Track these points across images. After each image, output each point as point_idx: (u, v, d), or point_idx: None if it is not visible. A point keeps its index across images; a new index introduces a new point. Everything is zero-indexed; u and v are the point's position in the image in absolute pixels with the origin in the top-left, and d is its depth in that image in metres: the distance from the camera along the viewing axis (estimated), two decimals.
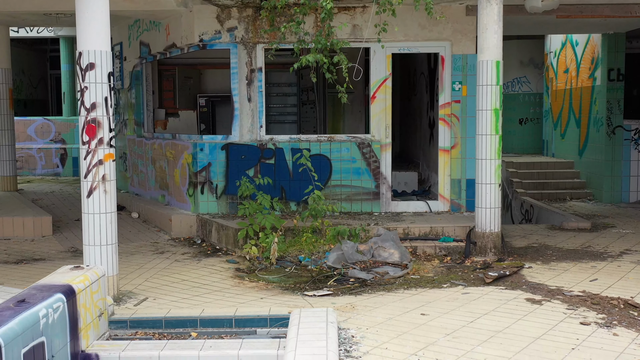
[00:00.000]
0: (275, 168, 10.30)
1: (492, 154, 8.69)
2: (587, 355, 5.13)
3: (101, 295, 6.01)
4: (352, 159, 10.35)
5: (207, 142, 10.47)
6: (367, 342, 5.43)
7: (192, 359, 5.51)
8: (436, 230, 9.37)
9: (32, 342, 4.61)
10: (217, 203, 10.40)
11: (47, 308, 4.90)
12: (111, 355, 5.52)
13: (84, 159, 6.62)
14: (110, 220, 6.69)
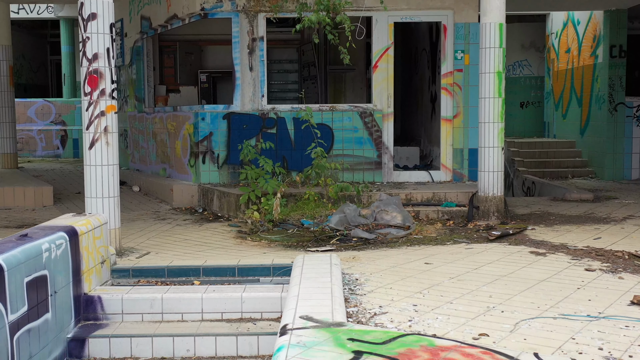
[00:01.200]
0: (277, 138, 10.25)
1: (495, 117, 8.65)
2: (593, 293, 5.09)
3: (103, 243, 5.98)
4: (354, 129, 10.31)
5: (208, 111, 10.43)
6: (372, 284, 5.39)
7: (195, 300, 5.48)
8: (438, 196, 9.33)
9: (35, 273, 4.58)
10: (218, 173, 10.35)
11: (49, 243, 4.86)
12: (114, 297, 5.49)
13: (86, 110, 6.58)
14: (112, 173, 6.65)
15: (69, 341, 5.13)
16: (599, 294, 5.09)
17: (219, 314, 5.48)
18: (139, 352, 5.15)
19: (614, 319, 4.42)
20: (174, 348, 5.15)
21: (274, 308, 5.44)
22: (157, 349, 5.15)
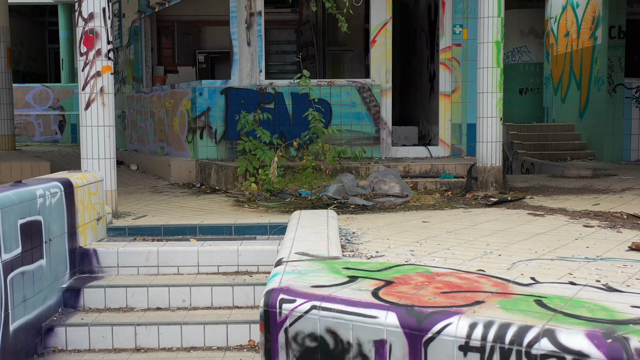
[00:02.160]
0: (275, 113, 10.21)
1: (494, 87, 8.61)
2: (591, 242, 5.06)
3: (99, 200, 5.94)
4: (353, 104, 10.27)
5: (206, 86, 10.39)
6: (369, 236, 5.36)
7: (191, 254, 5.45)
8: (437, 168, 9.30)
9: (29, 217, 4.54)
10: (216, 148, 10.31)
11: (44, 190, 4.83)
12: (109, 251, 5.46)
13: (82, 70, 6.55)
14: (108, 134, 6.62)
15: (64, 291, 5.09)
16: (597, 243, 5.06)
17: (215, 267, 5.45)
18: (135, 302, 5.12)
19: (612, 260, 4.39)
20: (169, 298, 5.11)
21: (270, 261, 5.39)
22: (152, 300, 5.12)
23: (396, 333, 2.83)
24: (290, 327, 3.09)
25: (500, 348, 2.62)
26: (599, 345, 2.46)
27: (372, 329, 2.89)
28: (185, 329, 4.77)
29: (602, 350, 2.44)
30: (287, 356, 3.11)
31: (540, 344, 2.55)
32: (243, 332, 4.78)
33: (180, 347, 4.78)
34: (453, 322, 2.74)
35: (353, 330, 2.94)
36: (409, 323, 2.82)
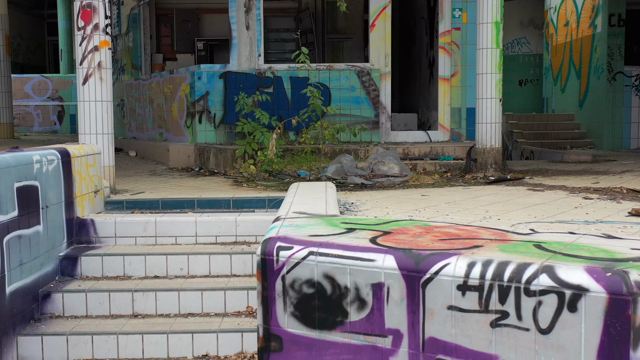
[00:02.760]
0: (273, 97, 10.17)
1: (493, 68, 8.58)
2: (590, 210, 5.04)
3: (97, 172, 5.92)
4: (352, 88, 10.24)
5: (205, 70, 10.35)
6: (367, 205, 5.34)
7: (189, 224, 5.42)
8: (436, 150, 9.27)
9: (25, 181, 4.52)
10: (215, 133, 10.28)
11: (41, 156, 4.81)
12: (107, 221, 5.43)
13: (79, 45, 6.52)
14: (105, 109, 6.59)
15: (61, 259, 5.07)
16: (597, 211, 5.04)
17: (213, 238, 5.43)
18: (132, 271, 5.09)
19: (612, 223, 4.36)
20: (167, 267, 5.09)
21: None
22: (150, 268, 5.09)
23: (394, 275, 2.81)
24: (287, 275, 3.06)
25: (498, 286, 2.60)
26: (599, 279, 2.43)
27: (370, 273, 2.86)
28: (182, 295, 4.75)
29: (602, 283, 2.42)
30: (284, 304, 3.08)
31: (539, 279, 2.52)
32: (241, 298, 4.75)
33: (177, 313, 4.75)
34: (451, 263, 2.72)
35: (350, 275, 2.91)
36: (407, 265, 2.79)
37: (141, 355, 4.41)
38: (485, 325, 2.63)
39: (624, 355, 2.39)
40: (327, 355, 2.99)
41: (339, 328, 2.95)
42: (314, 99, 8.03)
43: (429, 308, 2.74)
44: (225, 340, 4.40)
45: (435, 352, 2.74)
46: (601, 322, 2.41)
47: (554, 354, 2.50)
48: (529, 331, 2.54)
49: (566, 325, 2.47)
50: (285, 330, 3.09)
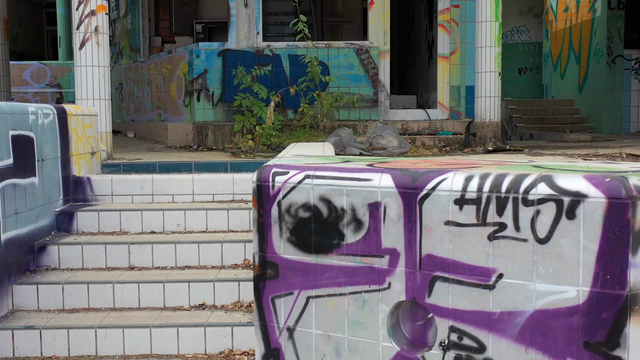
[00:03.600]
0: (272, 74, 10.15)
1: (492, 41, 8.56)
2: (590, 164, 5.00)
3: (94, 135, 5.89)
4: (351, 66, 10.21)
5: (203, 48, 10.33)
6: None
7: (186, 182, 5.40)
8: (435, 126, 9.25)
9: (21, 130, 4.49)
10: (213, 111, 10.25)
11: (36, 108, 4.78)
12: (103, 179, 5.41)
13: (76, 9, 6.49)
14: (102, 75, 6.56)
15: (57, 215, 5.03)
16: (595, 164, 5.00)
17: (210, 196, 5.40)
18: (129, 226, 5.06)
19: None
20: (164, 222, 5.06)
21: None
22: (146, 224, 5.06)
23: (391, 194, 2.78)
24: (283, 200, 3.03)
25: (496, 197, 2.56)
26: (597, 184, 2.40)
27: (367, 192, 2.83)
28: (179, 248, 4.72)
29: (601, 188, 2.39)
30: (280, 230, 3.05)
31: (537, 188, 2.49)
32: (238, 251, 4.72)
33: (174, 266, 4.72)
34: (448, 177, 2.69)
35: (347, 196, 2.88)
36: (403, 182, 2.76)
37: (137, 305, 4.38)
38: (483, 239, 2.60)
39: (624, 260, 2.35)
40: (323, 280, 2.96)
41: (335, 251, 2.92)
42: (312, 67, 7.99)
43: (426, 225, 2.71)
44: (222, 290, 4.37)
45: (433, 269, 2.71)
46: (600, 228, 2.38)
47: (553, 263, 2.47)
48: (527, 242, 2.51)
49: (564, 233, 2.44)
50: (281, 256, 3.06)
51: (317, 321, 3.00)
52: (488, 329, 2.61)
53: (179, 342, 4.03)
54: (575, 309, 2.44)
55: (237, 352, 4.01)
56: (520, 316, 2.54)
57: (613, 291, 2.37)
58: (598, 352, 2.41)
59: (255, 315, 3.17)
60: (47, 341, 4.03)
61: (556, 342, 2.48)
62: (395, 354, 2.81)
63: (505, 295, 2.56)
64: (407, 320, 2.85)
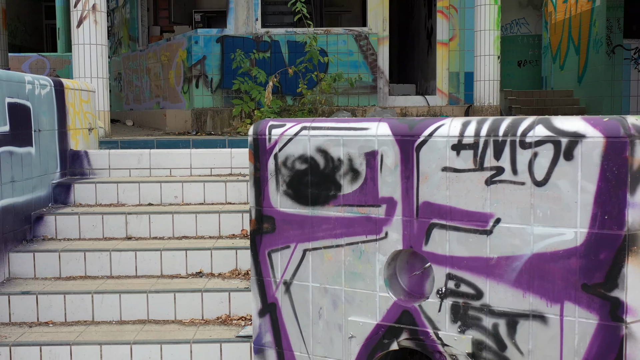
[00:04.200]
0: (271, 61, 10.12)
1: (491, 24, 8.55)
2: None
3: (91, 110, 5.87)
4: (349, 52, 10.18)
5: (202, 35, 10.30)
6: None
7: (184, 156, 5.39)
8: (434, 111, 9.23)
9: (17, 99, 4.47)
10: (212, 97, 10.22)
11: (33, 78, 4.77)
12: (101, 153, 5.39)
13: None
14: (100, 53, 6.54)
15: (54, 187, 5.02)
16: None
17: (207, 170, 5.38)
18: (126, 198, 5.04)
19: None
20: (161, 195, 5.04)
21: None
22: (144, 196, 5.04)
23: (387, 142, 2.76)
24: (279, 152, 3.02)
25: (494, 141, 2.55)
26: (596, 124, 2.39)
27: (364, 141, 2.82)
28: (177, 218, 4.70)
29: (599, 128, 2.37)
30: (276, 183, 3.04)
31: (535, 131, 2.48)
32: (236, 221, 4.70)
33: (171, 236, 4.70)
34: (446, 123, 2.67)
35: (344, 146, 2.87)
36: (400, 130, 2.75)
37: (134, 272, 4.36)
38: (480, 184, 2.58)
39: (622, 200, 2.34)
40: (319, 232, 2.95)
41: (332, 202, 2.90)
42: (310, 47, 7.97)
43: (423, 172, 2.69)
44: (220, 258, 4.35)
45: (430, 216, 2.69)
46: (598, 168, 2.36)
47: (550, 206, 2.45)
48: (525, 185, 2.49)
49: (562, 175, 2.42)
50: (278, 210, 3.04)
51: (314, 274, 2.98)
52: (485, 275, 2.59)
53: (175, 307, 4.01)
54: (573, 251, 2.42)
55: (235, 317, 3.99)
56: (518, 261, 2.53)
57: (611, 232, 2.36)
58: (596, 294, 2.39)
59: (251, 271, 3.15)
60: (44, 306, 4.01)
61: (554, 285, 2.47)
62: (392, 304, 2.80)
63: (503, 240, 2.55)
64: (404, 270, 2.83)
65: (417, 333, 2.74)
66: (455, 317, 2.66)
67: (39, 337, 3.77)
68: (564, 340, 2.45)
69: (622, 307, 2.35)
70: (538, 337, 2.50)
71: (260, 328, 3.14)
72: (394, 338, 2.79)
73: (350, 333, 2.89)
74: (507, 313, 2.56)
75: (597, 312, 2.39)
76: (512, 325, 2.55)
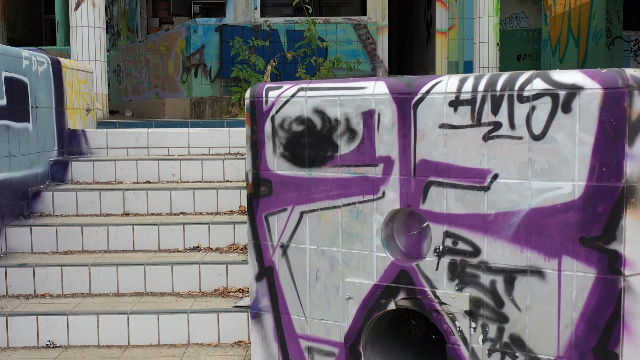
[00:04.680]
0: (270, 50, 10.11)
1: (490, 11, 8.54)
2: None
3: (89, 91, 5.86)
4: (349, 41, 10.17)
5: (200, 24, 10.29)
6: None
7: (182, 134, 5.38)
8: None
9: (14, 73, 4.46)
10: (210, 86, 10.21)
11: (30, 54, 4.75)
12: (98, 132, 5.38)
13: None
14: (98, 35, 6.53)
15: (52, 164, 5.00)
16: None
17: (205, 149, 5.37)
18: (123, 176, 5.03)
19: None
20: (159, 172, 5.02)
21: None
22: (141, 174, 5.03)
23: (385, 100, 2.74)
24: (276, 114, 3.00)
25: (491, 96, 2.53)
26: (594, 76, 2.37)
27: (361, 100, 2.80)
28: (174, 194, 4.68)
29: (597, 79, 2.36)
30: (273, 145, 3.02)
31: (533, 84, 2.46)
32: (234, 198, 4.69)
33: (169, 212, 4.69)
34: (443, 80, 2.66)
35: (341, 106, 2.85)
36: (398, 88, 2.73)
37: (132, 247, 4.35)
38: (478, 140, 2.56)
39: (620, 151, 2.32)
40: (316, 193, 2.93)
41: (329, 163, 2.89)
42: (309, 31, 7.95)
43: (420, 130, 2.68)
44: (217, 232, 4.33)
45: (427, 174, 2.68)
46: (596, 120, 2.35)
47: (548, 159, 2.43)
48: (522, 139, 2.48)
49: (560, 127, 2.40)
50: (275, 172, 3.03)
51: (311, 236, 2.97)
52: (483, 232, 2.58)
53: (173, 280, 3.99)
54: (571, 204, 2.41)
55: (232, 289, 3.97)
56: (516, 216, 2.51)
57: (609, 184, 2.34)
58: (594, 247, 2.38)
59: (248, 234, 3.14)
60: (40, 279, 3.99)
61: (552, 239, 2.45)
62: (389, 264, 2.78)
63: (500, 196, 2.53)
64: (402, 230, 2.82)
65: (415, 292, 2.72)
66: (453, 275, 2.64)
67: (35, 308, 3.76)
68: (561, 295, 2.44)
69: (620, 259, 2.34)
70: (536, 293, 2.49)
71: (257, 292, 3.13)
72: (391, 298, 2.78)
73: (348, 294, 2.88)
74: (504, 269, 2.54)
75: (595, 266, 2.38)
76: (509, 281, 2.53)
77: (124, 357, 3.51)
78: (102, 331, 3.64)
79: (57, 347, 3.64)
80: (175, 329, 3.65)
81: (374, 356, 2.92)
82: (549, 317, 2.46)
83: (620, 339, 2.35)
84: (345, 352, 2.90)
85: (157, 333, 3.64)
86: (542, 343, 2.48)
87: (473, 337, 2.62)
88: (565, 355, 2.44)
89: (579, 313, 2.41)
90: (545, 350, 2.48)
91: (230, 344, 3.65)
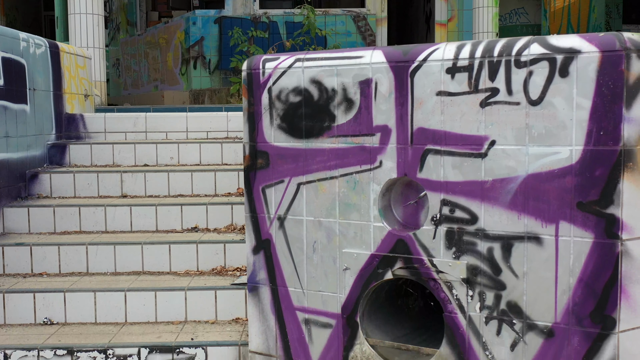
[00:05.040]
0: (269, 42, 10.10)
1: (489, 1, 8.53)
2: None
3: (87, 77, 5.85)
4: (348, 33, 10.16)
5: (200, 15, 10.27)
6: None
7: (180, 119, 5.37)
8: None
9: (11, 54, 4.45)
10: (210, 78, 10.19)
11: (27, 37, 4.74)
12: (96, 116, 5.37)
13: None
14: (97, 22, 6.52)
15: (50, 147, 4.99)
16: None
17: (204, 133, 5.36)
18: (121, 159, 5.02)
19: None
20: (157, 156, 5.02)
21: None
22: (139, 157, 5.02)
23: (382, 69, 2.74)
24: (273, 86, 2.99)
25: (488, 62, 2.53)
26: (591, 40, 2.36)
27: (358, 69, 2.79)
28: (172, 176, 4.67)
29: (594, 43, 2.35)
30: (270, 117, 3.01)
31: (530, 49, 2.45)
32: (232, 180, 4.68)
33: (167, 194, 4.68)
34: (440, 47, 2.65)
35: (338, 76, 2.84)
36: (395, 56, 2.72)
37: (129, 228, 4.34)
38: (475, 106, 2.56)
39: (617, 115, 2.31)
40: (314, 164, 2.92)
41: (326, 134, 2.88)
42: (308, 19, 7.94)
43: (418, 97, 2.67)
44: (215, 213, 4.32)
45: (424, 142, 2.67)
46: (594, 84, 2.34)
47: (545, 125, 2.43)
48: (520, 105, 2.47)
49: (557, 92, 2.40)
50: (272, 144, 3.02)
51: (308, 207, 2.96)
52: (480, 199, 2.57)
53: (170, 259, 3.98)
54: (568, 169, 2.40)
55: (230, 268, 3.96)
56: (513, 182, 2.50)
57: (606, 147, 2.33)
58: (591, 212, 2.37)
59: (245, 208, 3.13)
60: (38, 258, 3.98)
61: (549, 205, 2.44)
62: (386, 233, 2.77)
63: (498, 163, 2.53)
64: (399, 200, 2.81)
65: (412, 261, 2.71)
66: (450, 243, 2.63)
67: (32, 285, 3.75)
68: (559, 261, 2.43)
69: (618, 224, 2.33)
70: (533, 259, 2.48)
71: (255, 265, 3.12)
72: (388, 268, 2.77)
73: (345, 265, 2.87)
74: (501, 236, 2.53)
75: (592, 230, 2.37)
76: (507, 248, 2.53)
77: (121, 333, 3.50)
78: (100, 308, 3.63)
79: (54, 324, 3.63)
80: (172, 306, 3.64)
81: (371, 327, 2.91)
82: (547, 283, 2.45)
83: (617, 303, 2.34)
84: (343, 323, 2.90)
85: (155, 310, 3.63)
86: (539, 309, 2.48)
87: (470, 305, 2.61)
88: (563, 321, 2.43)
89: (576, 278, 2.40)
90: (542, 316, 2.47)
91: (227, 320, 3.64)
